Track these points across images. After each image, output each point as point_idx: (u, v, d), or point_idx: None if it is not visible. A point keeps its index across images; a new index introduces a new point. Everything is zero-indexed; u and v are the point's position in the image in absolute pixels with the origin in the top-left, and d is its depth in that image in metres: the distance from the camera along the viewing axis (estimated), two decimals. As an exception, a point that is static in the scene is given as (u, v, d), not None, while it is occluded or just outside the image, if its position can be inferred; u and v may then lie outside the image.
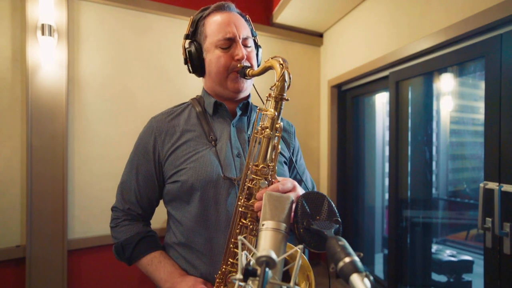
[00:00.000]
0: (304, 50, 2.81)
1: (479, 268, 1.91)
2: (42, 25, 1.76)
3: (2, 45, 1.75)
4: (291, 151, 1.05)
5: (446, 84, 2.17)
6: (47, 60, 1.79)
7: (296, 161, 1.06)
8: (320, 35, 2.85)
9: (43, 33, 1.75)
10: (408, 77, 1.93)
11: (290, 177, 1.03)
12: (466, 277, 2.16)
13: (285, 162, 0.99)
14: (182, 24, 2.26)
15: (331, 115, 2.71)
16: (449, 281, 2.15)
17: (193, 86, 2.31)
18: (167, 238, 0.97)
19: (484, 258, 1.41)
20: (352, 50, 2.42)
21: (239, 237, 0.48)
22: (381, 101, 2.70)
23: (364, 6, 2.27)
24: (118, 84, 2.06)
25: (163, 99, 2.20)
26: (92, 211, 1.97)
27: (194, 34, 0.95)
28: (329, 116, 2.72)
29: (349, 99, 2.69)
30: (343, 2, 2.30)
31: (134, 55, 2.11)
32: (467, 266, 2.17)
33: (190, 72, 0.97)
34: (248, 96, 1.00)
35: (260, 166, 0.74)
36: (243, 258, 0.46)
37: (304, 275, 0.72)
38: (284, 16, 2.48)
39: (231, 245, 0.79)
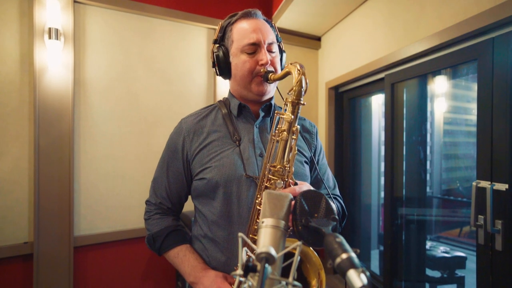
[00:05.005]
0: (303, 53, 2.84)
1: (471, 264, 1.93)
2: (49, 29, 1.78)
3: (10, 49, 1.79)
4: (313, 151, 1.07)
5: (439, 86, 2.18)
6: (54, 63, 1.83)
7: (318, 161, 1.08)
8: (318, 39, 2.88)
9: (50, 37, 1.78)
10: (403, 79, 1.95)
11: (311, 176, 1.05)
12: (459, 272, 2.19)
13: (305, 162, 1.01)
14: (184, 28, 2.30)
15: (329, 116, 2.73)
16: (443, 277, 2.18)
17: (194, 88, 2.35)
18: (194, 230, 1.02)
19: (477, 255, 1.41)
20: (349, 53, 2.44)
21: (239, 234, 0.49)
22: (377, 102, 2.72)
23: (360, 10, 2.29)
24: (122, 86, 2.09)
25: (166, 101, 2.24)
26: (97, 209, 2.01)
27: (222, 39, 0.99)
28: (326, 117, 2.74)
29: (346, 100, 2.71)
30: (340, 7, 2.32)
31: (138, 58, 2.14)
32: (460, 262, 2.20)
33: (217, 74, 1.01)
34: (271, 98, 1.03)
35: (277, 167, 0.77)
36: (243, 254, 0.47)
37: (316, 273, 0.72)
38: (283, 20, 2.52)
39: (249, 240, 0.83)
